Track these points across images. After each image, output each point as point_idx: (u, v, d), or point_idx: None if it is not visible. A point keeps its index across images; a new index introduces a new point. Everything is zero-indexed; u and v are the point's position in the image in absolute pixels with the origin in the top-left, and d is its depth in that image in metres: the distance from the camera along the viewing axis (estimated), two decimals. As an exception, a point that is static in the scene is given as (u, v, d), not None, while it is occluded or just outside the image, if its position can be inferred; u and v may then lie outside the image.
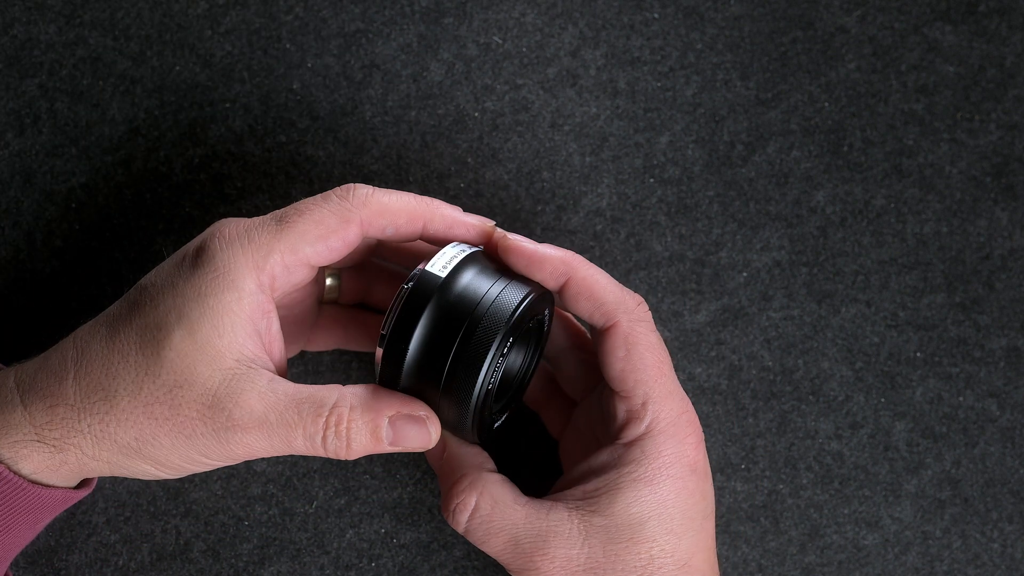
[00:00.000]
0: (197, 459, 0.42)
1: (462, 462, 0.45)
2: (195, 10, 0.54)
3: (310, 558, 0.52)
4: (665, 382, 0.44)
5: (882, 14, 0.56)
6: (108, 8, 0.54)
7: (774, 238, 0.55)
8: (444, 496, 0.45)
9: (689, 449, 0.44)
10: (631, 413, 0.44)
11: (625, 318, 0.44)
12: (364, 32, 0.55)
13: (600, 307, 0.44)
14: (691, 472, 0.44)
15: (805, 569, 0.53)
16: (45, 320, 0.53)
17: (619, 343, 0.44)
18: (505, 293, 0.42)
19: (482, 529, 0.44)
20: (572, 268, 0.44)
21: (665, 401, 0.44)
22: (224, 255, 0.42)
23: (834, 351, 0.54)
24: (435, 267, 0.43)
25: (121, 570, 0.51)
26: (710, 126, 0.55)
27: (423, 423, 0.42)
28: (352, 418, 0.42)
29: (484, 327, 0.41)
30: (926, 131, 0.56)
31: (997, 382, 0.55)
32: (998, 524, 0.54)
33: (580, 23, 0.55)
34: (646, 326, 0.44)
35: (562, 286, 0.44)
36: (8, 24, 0.54)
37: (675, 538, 0.43)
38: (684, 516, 0.44)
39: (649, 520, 0.43)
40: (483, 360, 0.41)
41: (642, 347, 0.44)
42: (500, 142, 0.55)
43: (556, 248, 0.44)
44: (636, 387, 0.44)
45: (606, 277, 0.45)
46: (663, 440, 0.44)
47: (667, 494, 0.43)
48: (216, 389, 0.41)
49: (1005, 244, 0.55)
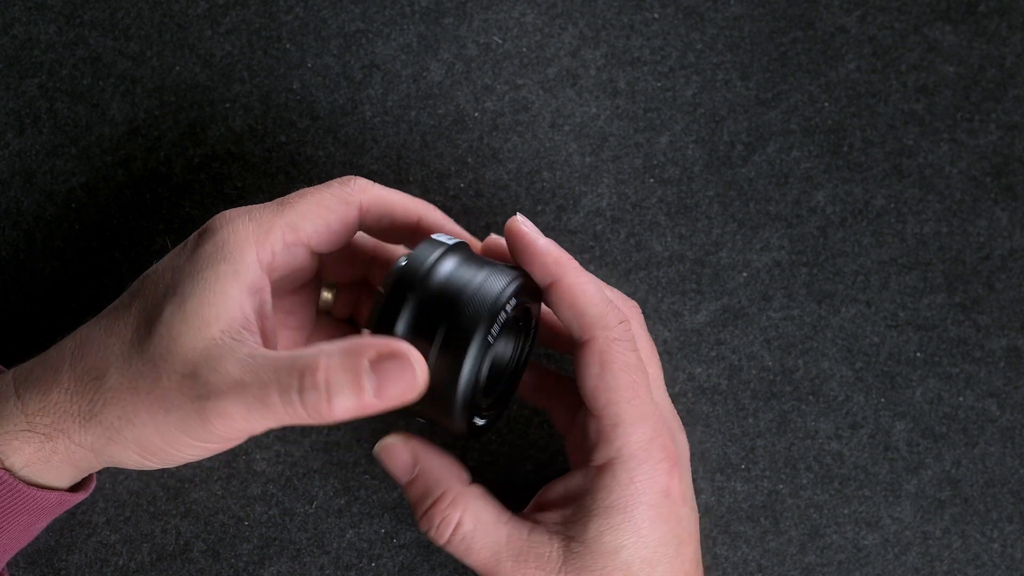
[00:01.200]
0: (178, 438, 0.41)
1: (440, 475, 0.44)
2: (195, 10, 0.54)
3: (310, 558, 0.52)
4: (639, 404, 0.43)
5: (882, 14, 0.56)
6: (108, 8, 0.54)
7: (774, 238, 0.55)
8: (425, 511, 0.44)
9: (660, 475, 0.43)
10: (602, 434, 0.44)
11: (602, 335, 0.43)
12: (364, 32, 0.55)
13: (579, 319, 0.43)
14: (664, 497, 0.43)
15: (805, 569, 0.53)
16: (45, 320, 0.53)
17: (594, 360, 0.43)
18: (489, 281, 0.42)
19: (464, 545, 0.44)
20: (562, 272, 0.43)
21: (636, 425, 0.43)
22: (225, 230, 0.42)
23: (834, 351, 0.54)
24: (417, 257, 0.43)
25: (121, 570, 0.51)
26: (710, 126, 0.55)
27: (406, 360, 0.38)
28: (330, 365, 0.38)
29: (468, 315, 0.41)
30: (926, 131, 0.56)
31: (997, 382, 0.55)
32: (998, 524, 0.54)
33: (580, 23, 0.55)
34: (625, 345, 0.43)
35: (548, 287, 0.44)
36: (8, 24, 0.54)
37: (649, 567, 0.43)
38: (659, 543, 0.43)
39: (623, 549, 0.43)
40: (467, 348, 0.41)
41: (616, 366, 0.43)
42: (500, 142, 0.55)
43: (555, 247, 0.44)
44: (607, 407, 0.43)
45: (595, 288, 0.44)
46: (634, 466, 0.43)
47: (640, 522, 0.43)
48: (196, 358, 0.40)
49: (1005, 244, 0.55)
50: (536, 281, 0.44)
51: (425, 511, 0.44)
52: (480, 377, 0.42)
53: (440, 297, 0.42)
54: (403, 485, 0.45)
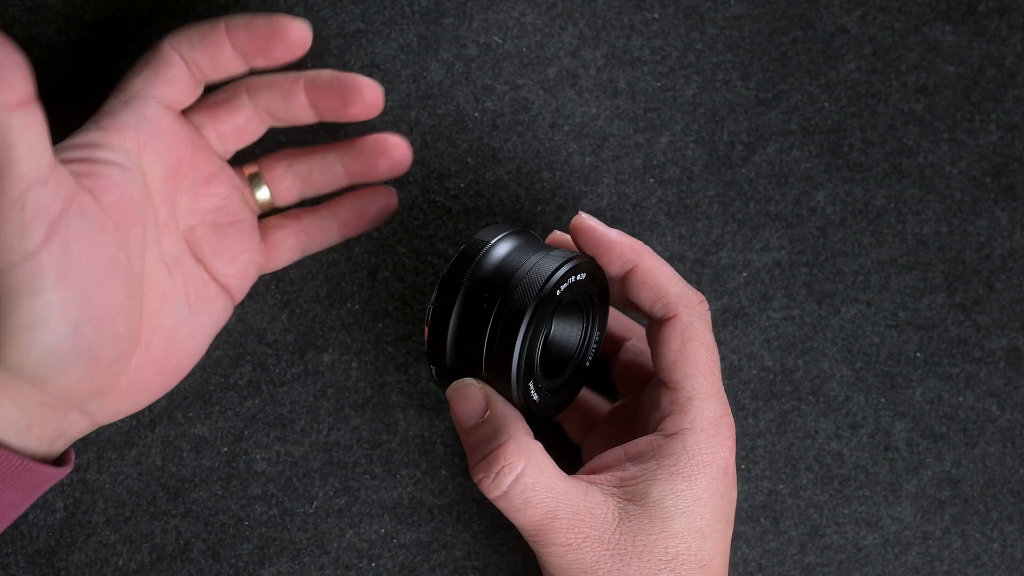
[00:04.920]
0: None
1: (509, 423, 0.43)
2: (195, 10, 0.54)
3: (310, 558, 0.52)
4: (713, 381, 0.45)
5: (882, 14, 0.56)
6: (108, 8, 0.54)
7: (774, 238, 0.55)
8: (484, 457, 0.43)
9: (725, 452, 0.44)
10: (676, 406, 0.44)
11: (686, 312, 0.44)
12: (364, 32, 0.55)
13: (663, 298, 0.45)
14: (724, 475, 0.44)
15: (805, 569, 0.53)
16: (45, 320, 0.53)
17: (676, 334, 0.44)
18: (541, 263, 0.43)
19: (522, 497, 0.42)
20: (640, 256, 0.45)
21: (710, 400, 0.44)
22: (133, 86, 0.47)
23: (834, 351, 0.54)
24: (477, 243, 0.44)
25: (121, 570, 0.51)
26: (710, 126, 0.55)
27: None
28: None
29: (517, 297, 0.42)
30: (926, 131, 0.56)
31: (997, 382, 0.55)
32: (998, 524, 0.54)
33: (580, 23, 0.55)
34: (704, 324, 0.45)
35: (627, 273, 0.45)
36: (8, 24, 0.54)
37: (701, 537, 0.43)
38: (712, 517, 0.44)
39: (681, 516, 0.43)
40: (517, 330, 0.41)
41: (697, 342, 0.44)
42: (500, 142, 0.55)
43: (625, 235, 0.45)
44: (684, 380, 0.44)
45: (671, 270, 0.45)
46: (704, 438, 0.44)
47: (701, 492, 0.43)
48: None
49: (1005, 244, 0.55)
50: (612, 271, 0.45)
51: (486, 455, 0.43)
52: (535, 359, 0.43)
53: (490, 282, 0.43)
54: (467, 429, 0.44)
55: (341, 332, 0.54)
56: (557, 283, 0.43)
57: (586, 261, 0.44)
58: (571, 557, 0.42)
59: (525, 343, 0.42)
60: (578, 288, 0.44)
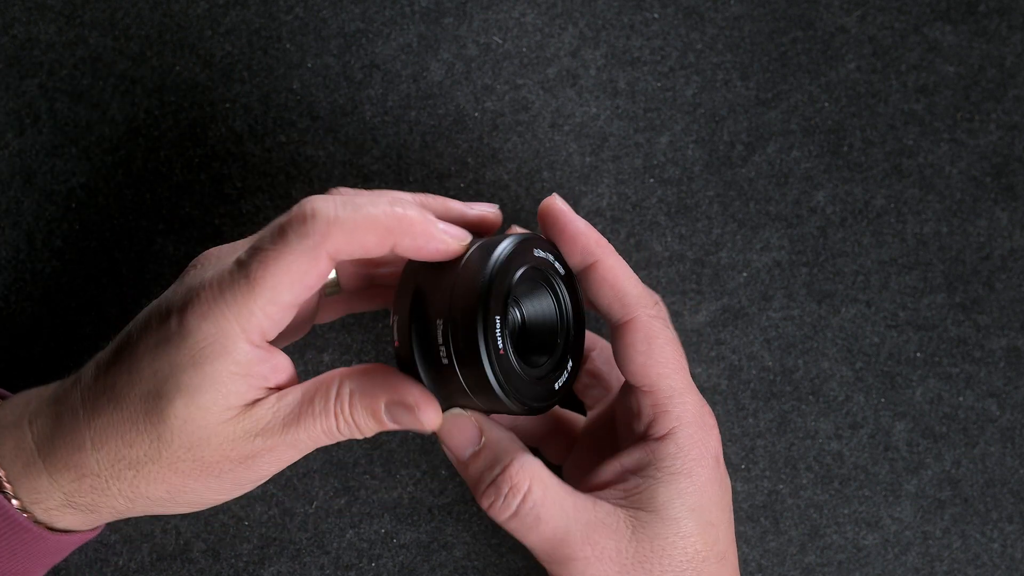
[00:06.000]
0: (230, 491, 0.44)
1: (507, 445, 0.43)
2: (195, 10, 0.54)
3: (310, 558, 0.52)
4: (684, 375, 0.45)
5: (882, 14, 0.56)
6: (108, 8, 0.54)
7: (774, 238, 0.55)
8: (491, 481, 0.43)
9: (713, 441, 0.44)
10: (658, 407, 0.44)
11: (643, 313, 0.44)
12: (364, 32, 0.55)
13: (621, 299, 0.44)
14: (718, 463, 0.44)
15: (805, 569, 0.53)
16: (45, 320, 0.53)
17: (640, 337, 0.44)
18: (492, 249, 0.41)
19: (532, 515, 0.42)
20: (604, 253, 0.44)
21: (688, 394, 0.44)
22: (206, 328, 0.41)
23: (834, 351, 0.54)
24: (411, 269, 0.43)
25: (121, 570, 0.51)
26: (710, 126, 0.55)
27: (412, 412, 0.42)
28: (353, 404, 0.42)
29: (465, 285, 0.40)
30: (926, 131, 0.56)
31: (997, 382, 0.55)
32: (998, 524, 0.54)
33: (580, 23, 0.55)
34: (663, 322, 0.44)
35: (588, 268, 0.44)
36: (8, 24, 0.54)
37: (714, 530, 0.43)
38: (718, 507, 0.44)
39: (691, 513, 0.43)
40: (475, 319, 0.40)
41: (661, 340, 0.44)
42: (500, 142, 0.55)
43: (593, 229, 0.44)
44: (660, 380, 0.44)
45: (631, 272, 0.45)
46: (693, 431, 0.44)
47: (703, 485, 0.43)
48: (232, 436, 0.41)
49: (1005, 244, 0.55)
50: (572, 262, 0.44)
51: (492, 480, 0.42)
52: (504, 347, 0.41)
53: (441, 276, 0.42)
54: (464, 461, 0.44)
55: (341, 332, 0.54)
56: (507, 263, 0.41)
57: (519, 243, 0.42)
58: (591, 572, 0.42)
59: (493, 359, 0.40)
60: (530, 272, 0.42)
